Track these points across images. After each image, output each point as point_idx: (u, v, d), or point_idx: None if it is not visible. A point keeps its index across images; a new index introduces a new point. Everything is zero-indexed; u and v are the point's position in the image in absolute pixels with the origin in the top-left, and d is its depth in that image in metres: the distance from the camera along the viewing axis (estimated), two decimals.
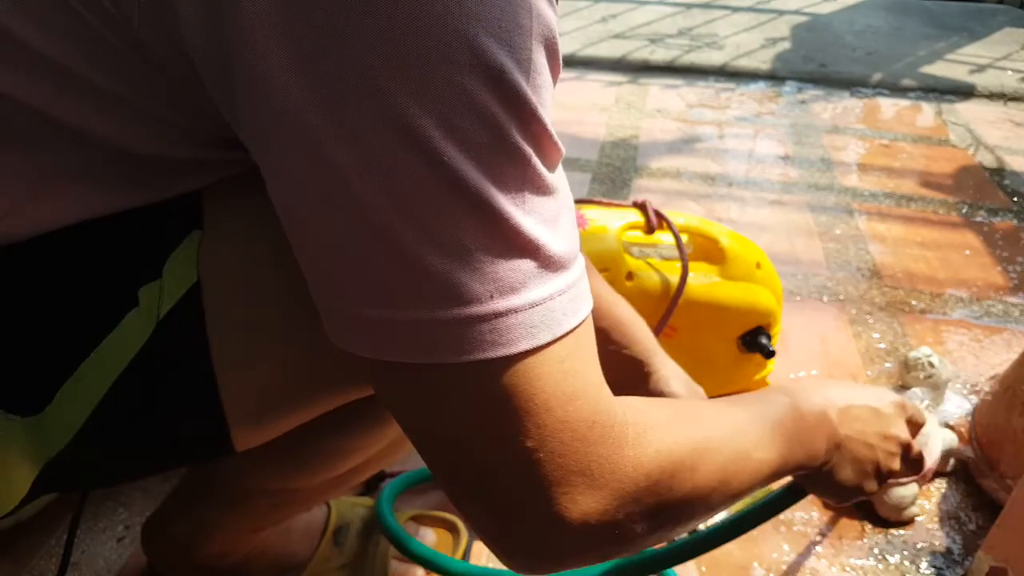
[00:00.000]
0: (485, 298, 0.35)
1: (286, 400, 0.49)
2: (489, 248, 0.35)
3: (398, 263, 0.34)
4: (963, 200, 1.65)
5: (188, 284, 0.44)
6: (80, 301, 0.44)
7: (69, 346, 0.44)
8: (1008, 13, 3.00)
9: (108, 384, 0.44)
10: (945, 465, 0.93)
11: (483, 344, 0.35)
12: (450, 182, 0.33)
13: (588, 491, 0.38)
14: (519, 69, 0.34)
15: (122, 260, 0.44)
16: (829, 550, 0.85)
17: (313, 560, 0.74)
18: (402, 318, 0.35)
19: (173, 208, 0.44)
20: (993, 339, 1.21)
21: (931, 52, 2.55)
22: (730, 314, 0.94)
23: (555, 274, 0.37)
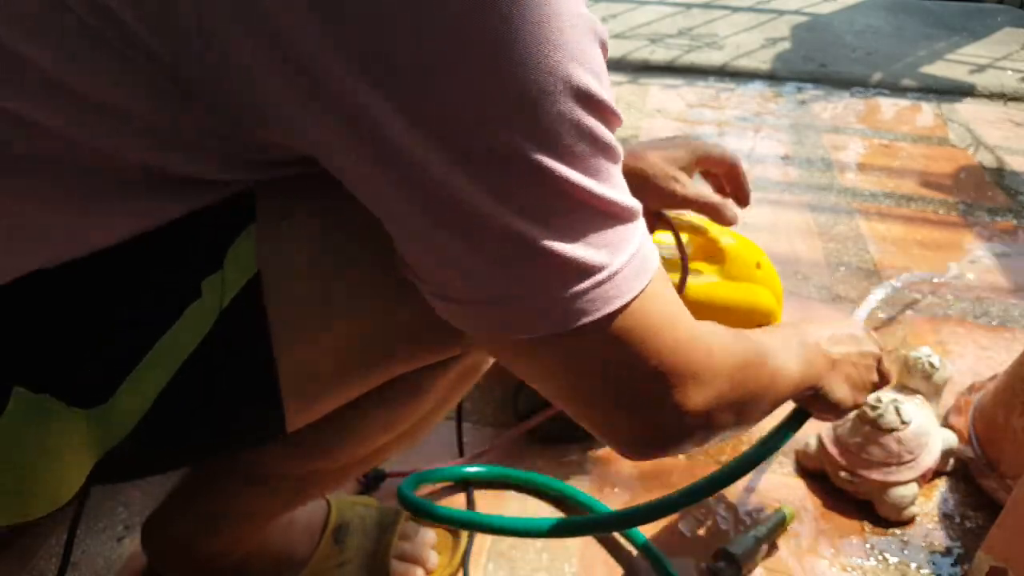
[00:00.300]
0: (606, 264, 0.42)
1: (338, 380, 0.52)
2: (599, 226, 0.42)
3: (537, 260, 0.41)
4: (963, 200, 1.65)
5: (249, 275, 0.46)
6: (142, 295, 0.46)
7: (133, 338, 0.46)
8: (1008, 13, 3.00)
9: (170, 374, 0.47)
10: (945, 465, 0.94)
11: (609, 300, 0.43)
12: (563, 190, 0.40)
13: (697, 389, 0.49)
14: (595, 79, 0.40)
15: (182, 254, 0.46)
16: (829, 549, 0.85)
17: (313, 558, 0.74)
18: (546, 301, 0.42)
19: (227, 203, 0.46)
20: (993, 339, 1.21)
21: (931, 52, 2.55)
22: (730, 314, 0.94)
23: (635, 223, 0.45)
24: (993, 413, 0.93)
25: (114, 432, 0.48)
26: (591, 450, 0.97)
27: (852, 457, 0.88)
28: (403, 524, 0.79)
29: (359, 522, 0.78)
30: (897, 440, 0.87)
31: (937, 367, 0.96)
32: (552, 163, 0.39)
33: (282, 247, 0.47)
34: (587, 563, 0.83)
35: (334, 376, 0.52)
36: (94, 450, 0.48)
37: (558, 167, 0.39)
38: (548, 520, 0.71)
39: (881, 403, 0.88)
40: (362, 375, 0.53)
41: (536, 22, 0.36)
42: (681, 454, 0.55)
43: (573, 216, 0.41)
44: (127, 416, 0.47)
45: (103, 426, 0.47)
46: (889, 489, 0.87)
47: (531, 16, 0.36)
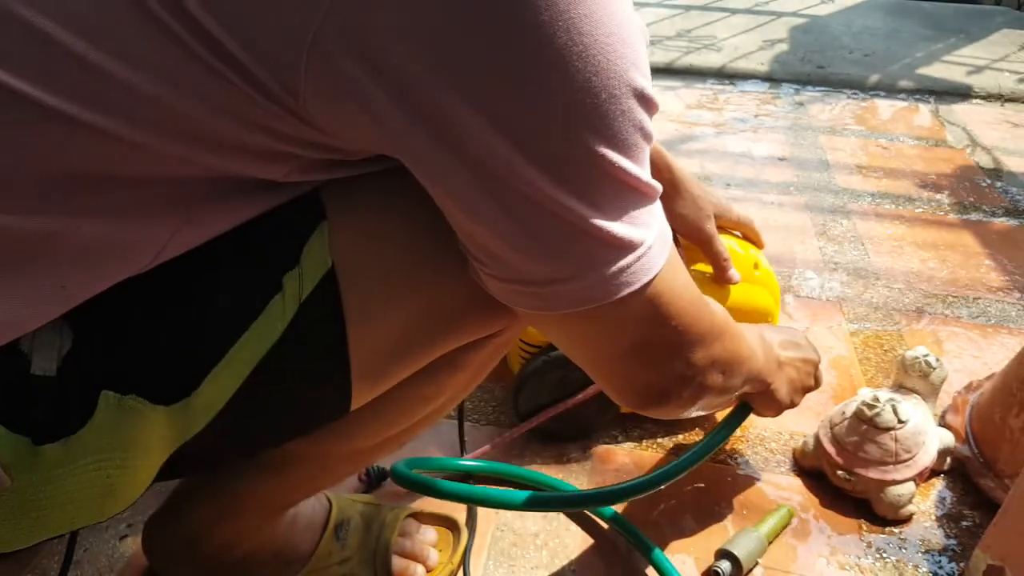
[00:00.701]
0: (644, 240, 0.48)
1: (399, 360, 0.57)
2: (638, 206, 0.47)
3: (591, 240, 0.45)
4: (960, 200, 1.66)
5: (324, 269, 0.50)
6: (224, 291, 0.49)
7: (217, 333, 0.49)
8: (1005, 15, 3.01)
9: (252, 366, 0.50)
10: (942, 464, 0.94)
11: (646, 271, 0.48)
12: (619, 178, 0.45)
13: (702, 346, 0.57)
14: (647, 79, 0.45)
15: (259, 252, 0.50)
16: (826, 548, 0.85)
17: (315, 555, 0.74)
18: (596, 277, 0.47)
19: (295, 202, 0.50)
20: (990, 338, 1.21)
21: (928, 54, 2.56)
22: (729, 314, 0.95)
23: (658, 203, 0.49)
24: (990, 412, 0.93)
25: (191, 427, 0.50)
26: (590, 448, 0.98)
27: (849, 456, 0.89)
28: (403, 521, 0.80)
29: (360, 519, 0.78)
30: (894, 439, 0.88)
31: (934, 366, 0.97)
32: (613, 155, 0.44)
33: (352, 242, 0.51)
34: (587, 562, 0.83)
35: (396, 356, 0.56)
36: (169, 447, 0.51)
37: (617, 158, 0.44)
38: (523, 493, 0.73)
39: (879, 402, 0.89)
40: (419, 354, 0.57)
41: (607, 34, 0.41)
42: (678, 410, 0.62)
43: (622, 199, 0.46)
44: (206, 410, 0.50)
45: (182, 422, 0.50)
46: (886, 488, 0.87)
47: (603, 30, 0.41)
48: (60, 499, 0.48)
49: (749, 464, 0.96)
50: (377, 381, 0.56)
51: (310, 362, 0.52)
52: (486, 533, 0.86)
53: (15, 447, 0.46)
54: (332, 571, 0.75)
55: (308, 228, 0.50)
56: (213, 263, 0.49)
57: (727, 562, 0.80)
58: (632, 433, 1.00)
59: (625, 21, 0.42)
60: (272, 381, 0.51)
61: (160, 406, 0.48)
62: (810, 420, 1.01)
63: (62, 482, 0.48)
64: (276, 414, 0.55)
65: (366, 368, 0.54)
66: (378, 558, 0.76)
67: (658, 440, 1.00)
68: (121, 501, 0.51)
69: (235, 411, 0.51)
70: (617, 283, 0.47)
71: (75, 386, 0.47)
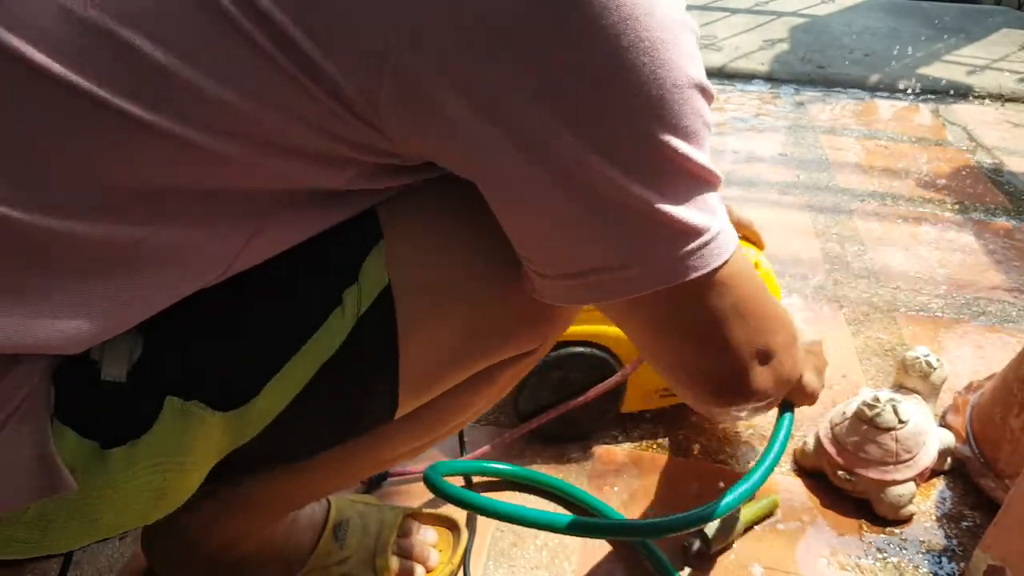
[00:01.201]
0: (711, 226, 0.49)
1: (444, 374, 0.59)
2: (704, 192, 0.48)
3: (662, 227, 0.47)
4: (961, 200, 1.66)
5: (381, 286, 0.52)
6: (286, 305, 0.52)
7: (278, 344, 0.51)
8: (1005, 14, 3.01)
9: (309, 377, 0.52)
10: (942, 464, 0.94)
11: (714, 256, 0.49)
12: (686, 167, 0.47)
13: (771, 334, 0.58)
14: (702, 70, 0.47)
15: (320, 268, 0.52)
16: (826, 548, 0.85)
17: (314, 555, 0.74)
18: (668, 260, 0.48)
19: (355, 220, 0.52)
20: (990, 338, 1.21)
21: (928, 53, 2.56)
22: None
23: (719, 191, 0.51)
24: (990, 412, 0.93)
25: (244, 434, 0.52)
26: (590, 448, 0.97)
27: (850, 456, 0.89)
28: (403, 522, 0.80)
29: (359, 519, 0.78)
30: (895, 439, 0.88)
31: (935, 366, 0.97)
32: (679, 143, 0.45)
33: (407, 261, 0.53)
34: (587, 561, 0.83)
35: (441, 370, 0.58)
36: (220, 452, 0.53)
37: (683, 146, 0.46)
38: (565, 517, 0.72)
39: (879, 402, 0.89)
40: (463, 368, 0.60)
41: (667, 30, 0.43)
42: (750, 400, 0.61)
43: (689, 186, 0.47)
44: (261, 418, 0.52)
45: (236, 428, 0.52)
46: (887, 488, 0.87)
47: (663, 26, 0.43)
48: (116, 503, 0.50)
49: (749, 464, 0.96)
50: (421, 394, 0.59)
51: (363, 374, 0.55)
52: (486, 533, 0.86)
53: (83, 451, 0.48)
54: (331, 571, 0.75)
55: (366, 246, 0.52)
56: (275, 277, 0.51)
57: (697, 540, 0.83)
58: (632, 433, 1.00)
59: (680, 18, 0.45)
60: (324, 391, 0.53)
61: (219, 412, 0.50)
62: (810, 420, 1.01)
63: (122, 486, 0.49)
64: (323, 423, 0.56)
65: (413, 381, 0.57)
66: (378, 558, 0.76)
67: (658, 440, 0.99)
68: (169, 505, 0.53)
69: (285, 419, 0.52)
70: (686, 265, 0.48)
71: (143, 392, 0.49)
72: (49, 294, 0.43)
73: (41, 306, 0.43)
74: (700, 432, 1.01)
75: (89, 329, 0.44)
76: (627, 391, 0.96)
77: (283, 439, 0.55)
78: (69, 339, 0.44)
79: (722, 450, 0.98)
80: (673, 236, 0.47)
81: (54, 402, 0.47)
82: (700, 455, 0.98)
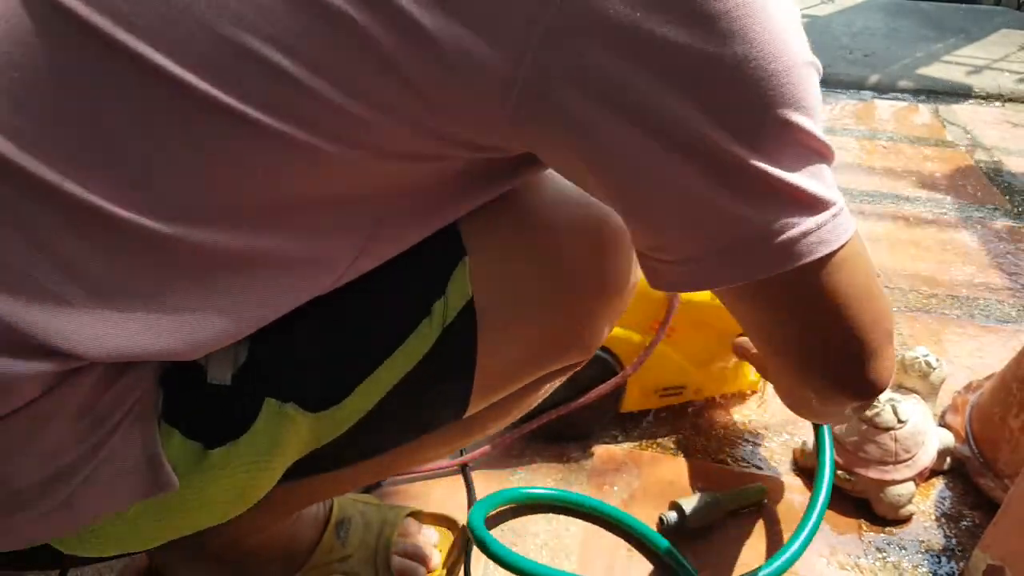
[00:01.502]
0: (836, 200, 0.48)
1: (509, 382, 0.62)
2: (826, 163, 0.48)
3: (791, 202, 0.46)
4: (960, 200, 1.66)
5: (465, 300, 0.56)
6: (379, 313, 0.54)
7: (370, 350, 0.54)
8: (1005, 15, 3.01)
9: (394, 382, 0.55)
10: (942, 464, 0.94)
11: (841, 230, 0.48)
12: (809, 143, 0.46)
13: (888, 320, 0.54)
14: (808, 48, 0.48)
15: (412, 280, 0.55)
16: (826, 548, 0.85)
17: (316, 552, 0.74)
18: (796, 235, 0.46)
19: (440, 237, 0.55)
20: (989, 338, 1.21)
21: (928, 54, 2.56)
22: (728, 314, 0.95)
23: None
24: (990, 412, 0.93)
25: (327, 435, 0.55)
26: (590, 448, 0.98)
27: (849, 456, 0.89)
28: (404, 521, 0.80)
29: (360, 518, 0.79)
30: (894, 439, 0.88)
31: (934, 366, 0.97)
32: (805, 120, 0.46)
33: (488, 277, 0.56)
34: (586, 560, 0.83)
35: (506, 380, 0.61)
36: (300, 453, 0.55)
37: (808, 123, 0.46)
38: None
39: (878, 402, 0.89)
40: (523, 379, 0.63)
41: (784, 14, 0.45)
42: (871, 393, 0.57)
43: (814, 161, 0.47)
44: (347, 418, 0.54)
45: (321, 430, 0.54)
46: (886, 487, 0.87)
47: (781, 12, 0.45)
48: (204, 501, 0.52)
49: (749, 464, 0.96)
50: (485, 400, 0.62)
51: (441, 381, 0.58)
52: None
53: (187, 452, 0.50)
54: (332, 568, 0.75)
55: (452, 261, 0.55)
56: (371, 288, 0.53)
57: (674, 513, 0.85)
58: (632, 433, 1.01)
59: (795, 9, 0.47)
60: (404, 397, 0.56)
61: (310, 413, 0.53)
62: None
63: (213, 484, 0.51)
64: (395, 426, 0.59)
65: (482, 389, 0.60)
66: (379, 557, 0.76)
67: (658, 440, 1.00)
68: (244, 505, 0.55)
69: (364, 422, 0.55)
70: (818, 240, 0.47)
71: (244, 394, 0.51)
72: (177, 301, 0.45)
73: (169, 313, 0.44)
74: (700, 432, 1.01)
75: (209, 337, 0.46)
76: (627, 391, 0.97)
77: (356, 441, 0.56)
78: (192, 346, 0.46)
79: (722, 450, 0.99)
80: (803, 210, 0.46)
81: (162, 405, 0.49)
82: (700, 455, 0.98)
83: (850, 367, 0.54)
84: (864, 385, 0.55)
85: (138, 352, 0.44)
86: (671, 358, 0.96)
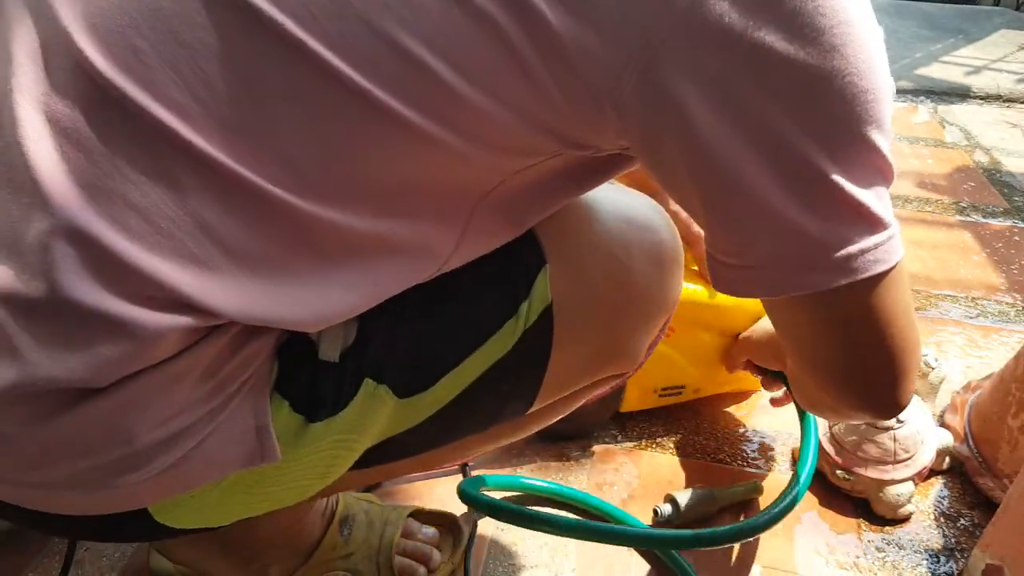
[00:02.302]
0: (894, 223, 0.49)
1: (566, 386, 0.65)
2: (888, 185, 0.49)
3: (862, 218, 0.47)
4: (959, 201, 1.66)
5: (545, 304, 0.59)
6: (472, 308, 0.57)
7: (461, 342, 0.57)
8: (1004, 15, 3.01)
9: (476, 375, 0.57)
10: (941, 464, 0.94)
11: (893, 252, 0.49)
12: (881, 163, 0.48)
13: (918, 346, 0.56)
14: None
15: (501, 281, 0.58)
16: (825, 547, 0.86)
17: (320, 547, 0.74)
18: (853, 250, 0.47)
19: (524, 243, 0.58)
20: (989, 338, 1.22)
21: (927, 54, 2.56)
22: (727, 314, 0.95)
23: None
24: (989, 412, 0.94)
25: (408, 421, 0.57)
26: (590, 448, 0.98)
27: (848, 455, 0.89)
28: (406, 521, 0.80)
29: (363, 516, 0.79)
30: (893, 438, 0.88)
31: (933, 366, 0.97)
32: (882, 141, 0.48)
33: (565, 284, 0.60)
34: (586, 560, 0.84)
35: (566, 382, 0.64)
36: (380, 436, 0.57)
37: (884, 144, 0.48)
38: None
39: None
40: (578, 383, 0.66)
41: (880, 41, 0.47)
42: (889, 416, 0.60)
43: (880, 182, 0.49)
44: (427, 408, 0.57)
45: (404, 415, 0.56)
46: (885, 487, 0.87)
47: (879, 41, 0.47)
48: (295, 475, 0.54)
49: (748, 464, 0.97)
50: (545, 400, 0.64)
51: (516, 378, 0.60)
52: (486, 532, 0.86)
53: (292, 424, 0.52)
54: (335, 564, 0.75)
55: (536, 267, 0.59)
56: (465, 285, 0.56)
57: (668, 505, 0.86)
58: (632, 433, 1.01)
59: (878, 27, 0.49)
60: (482, 390, 0.58)
61: (397, 398, 0.55)
62: None
63: (306, 459, 0.53)
64: (467, 418, 0.61)
65: (547, 389, 0.63)
66: (381, 556, 0.76)
67: (658, 440, 1.00)
68: (326, 482, 0.56)
69: (440, 413, 0.57)
70: (874, 258, 0.48)
71: (348, 372, 0.53)
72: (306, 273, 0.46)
73: (298, 283, 0.46)
74: (700, 432, 1.02)
75: (332, 310, 0.48)
76: (626, 391, 0.97)
77: (429, 430, 0.58)
78: (316, 317, 0.48)
79: (721, 449, 0.99)
80: (866, 228, 0.48)
81: (277, 375, 0.51)
82: (699, 455, 0.98)
83: (884, 388, 0.56)
84: (892, 406, 0.57)
85: (270, 317, 0.46)
86: (671, 358, 0.96)
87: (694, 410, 1.05)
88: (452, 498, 0.89)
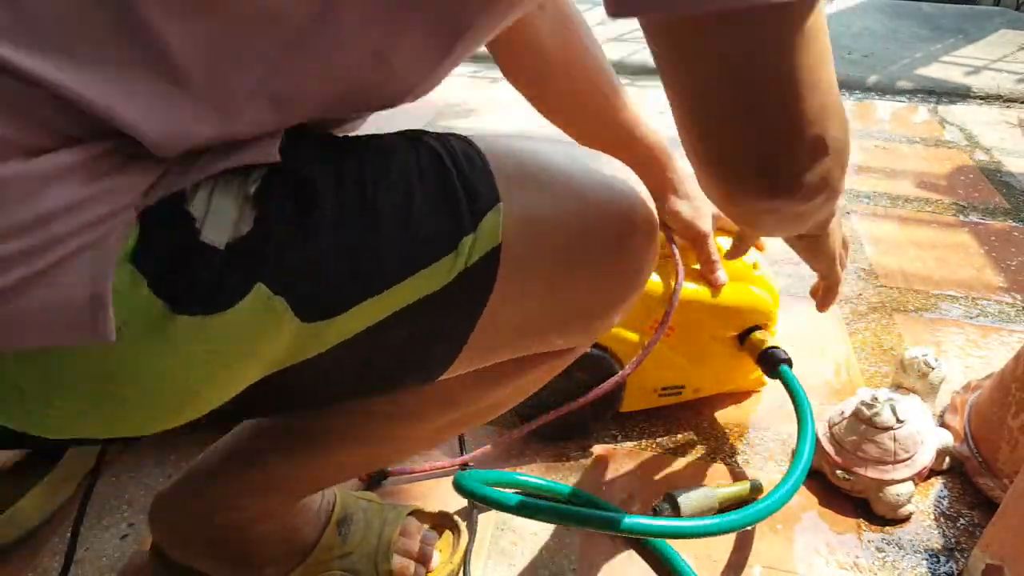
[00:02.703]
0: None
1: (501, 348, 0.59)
2: None
3: None
4: (959, 201, 1.66)
5: (492, 244, 0.53)
6: (407, 234, 0.50)
7: (386, 269, 0.50)
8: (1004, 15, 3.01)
9: (396, 309, 0.51)
10: (941, 463, 0.94)
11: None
12: None
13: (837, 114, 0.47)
14: None
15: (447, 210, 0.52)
16: (824, 547, 0.86)
17: (318, 547, 0.74)
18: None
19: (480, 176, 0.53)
20: (989, 338, 1.22)
21: (927, 54, 2.56)
22: (727, 313, 0.95)
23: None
24: (989, 412, 0.94)
25: (307, 350, 0.50)
26: (590, 448, 0.98)
27: (848, 455, 0.89)
28: (405, 521, 0.80)
29: (362, 515, 0.79)
30: (893, 438, 0.88)
31: (933, 366, 0.97)
32: None
33: (518, 228, 0.54)
34: (587, 560, 0.84)
35: (503, 342, 0.59)
36: (273, 365, 0.50)
37: None
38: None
39: (877, 401, 0.89)
40: (518, 347, 0.61)
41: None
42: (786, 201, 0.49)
43: None
44: (332, 338, 0.50)
45: (304, 343, 0.49)
46: (885, 487, 0.87)
47: None
48: (152, 380, 0.45)
49: (749, 463, 0.97)
50: (471, 361, 0.59)
51: (442, 321, 0.54)
52: (486, 532, 0.86)
53: (148, 308, 0.43)
54: (333, 565, 0.75)
55: (488, 203, 0.53)
56: (405, 206, 0.50)
57: (667, 504, 0.86)
58: (631, 433, 1.01)
59: None
60: (399, 328, 0.52)
61: (298, 319, 0.47)
62: None
63: (167, 360, 0.45)
64: (379, 362, 0.55)
65: (479, 342, 0.57)
66: (379, 556, 0.76)
67: (658, 440, 1.00)
68: (194, 407, 0.49)
69: (347, 348, 0.51)
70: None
71: (235, 268, 0.44)
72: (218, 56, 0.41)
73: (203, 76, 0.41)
74: (700, 432, 1.02)
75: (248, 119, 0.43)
76: (626, 391, 0.97)
77: (333, 370, 0.52)
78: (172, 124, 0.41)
79: (721, 449, 0.99)
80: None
81: (135, 245, 0.42)
82: (700, 455, 0.98)
83: (779, 158, 0.46)
84: (784, 180, 0.47)
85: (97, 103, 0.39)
86: (670, 358, 0.96)
87: (694, 410, 1.05)
88: (452, 498, 0.89)
